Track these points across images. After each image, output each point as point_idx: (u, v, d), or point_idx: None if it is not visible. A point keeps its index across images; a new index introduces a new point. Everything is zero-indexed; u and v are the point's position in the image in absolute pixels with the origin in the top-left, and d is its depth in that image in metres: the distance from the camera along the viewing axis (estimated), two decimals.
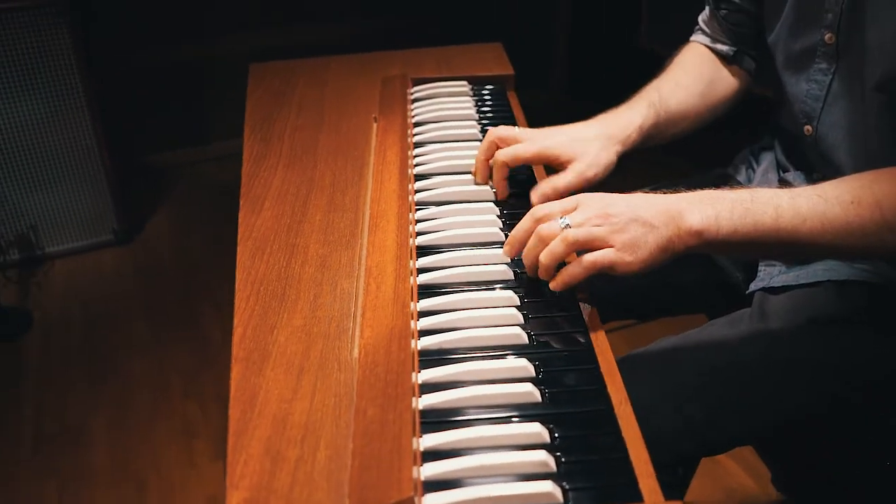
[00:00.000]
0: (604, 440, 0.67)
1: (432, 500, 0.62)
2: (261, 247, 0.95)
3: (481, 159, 1.03)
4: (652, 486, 0.63)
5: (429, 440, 0.67)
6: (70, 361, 2.23)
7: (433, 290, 0.86)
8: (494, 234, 0.94)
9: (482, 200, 1.02)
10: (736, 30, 1.17)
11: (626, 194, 0.85)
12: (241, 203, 1.04)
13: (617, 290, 1.15)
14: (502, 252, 0.89)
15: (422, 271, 0.89)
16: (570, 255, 0.83)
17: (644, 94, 1.12)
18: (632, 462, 0.65)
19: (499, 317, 0.81)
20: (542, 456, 0.64)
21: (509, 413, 0.70)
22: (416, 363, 0.75)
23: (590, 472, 0.64)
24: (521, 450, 0.65)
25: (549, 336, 0.80)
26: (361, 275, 0.89)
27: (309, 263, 0.92)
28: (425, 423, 0.69)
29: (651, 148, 1.13)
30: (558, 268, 0.84)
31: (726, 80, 1.19)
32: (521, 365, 0.74)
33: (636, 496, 0.62)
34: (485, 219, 0.96)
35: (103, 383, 2.15)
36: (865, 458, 1.08)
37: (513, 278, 0.87)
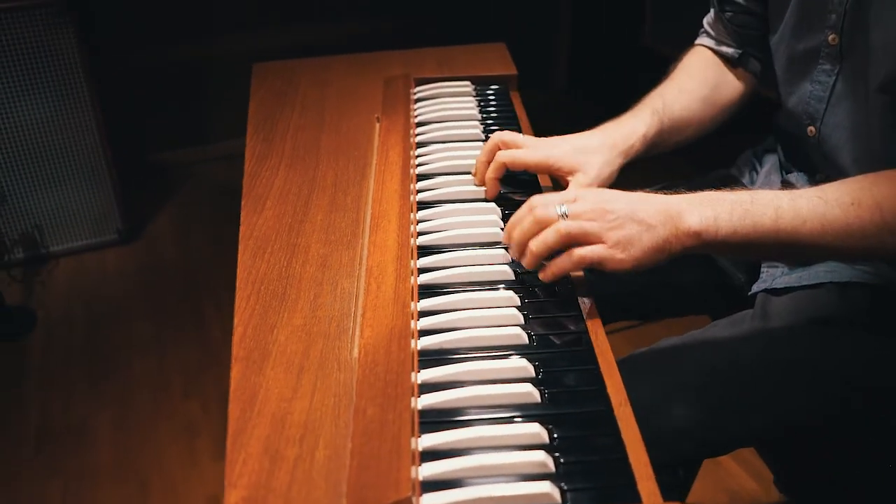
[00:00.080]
0: (603, 441, 0.67)
1: (430, 500, 0.61)
2: (262, 246, 0.95)
3: (482, 160, 1.03)
4: (651, 488, 0.63)
5: (428, 440, 0.67)
6: (73, 360, 2.24)
7: (434, 289, 0.86)
8: (495, 235, 0.94)
9: (483, 201, 1.02)
10: (741, 31, 1.16)
11: (626, 192, 0.84)
12: (242, 202, 1.05)
13: (619, 290, 1.15)
14: (502, 240, 0.88)
15: (423, 271, 0.89)
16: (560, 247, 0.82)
17: (648, 102, 1.11)
18: (631, 463, 0.65)
19: (499, 317, 0.81)
20: (541, 456, 0.64)
21: (509, 413, 0.70)
22: (416, 363, 0.75)
23: (588, 472, 0.64)
24: (520, 450, 0.65)
25: (549, 336, 0.79)
26: (362, 274, 0.89)
27: (310, 263, 0.92)
28: (424, 423, 0.69)
29: None
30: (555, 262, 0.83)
31: (732, 83, 1.18)
32: (520, 365, 0.74)
33: (635, 497, 0.62)
34: (486, 219, 0.96)
35: (106, 382, 2.15)
36: (867, 460, 1.07)
37: (513, 278, 0.87)
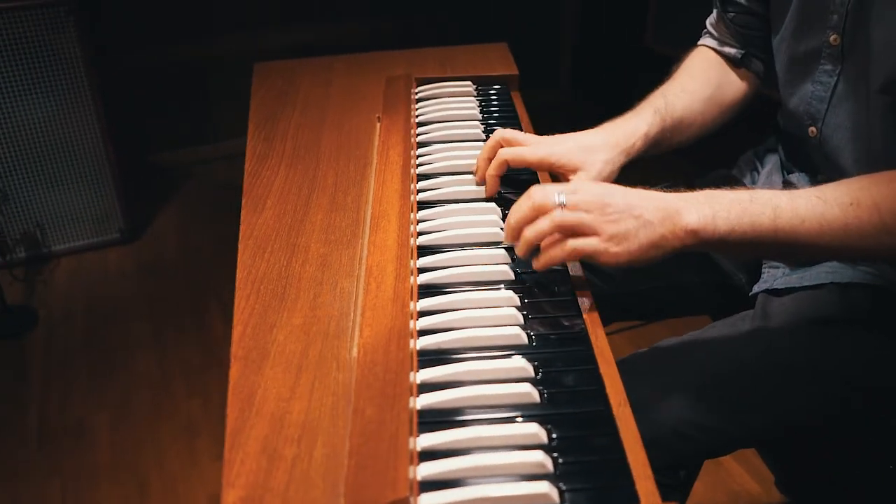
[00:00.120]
0: (601, 441, 0.67)
1: (428, 500, 0.61)
2: (262, 246, 0.95)
3: (483, 158, 1.03)
4: (649, 488, 0.63)
5: (426, 440, 0.67)
6: (74, 359, 2.24)
7: (433, 289, 0.86)
8: (495, 235, 0.93)
9: (484, 200, 1.02)
10: (744, 32, 1.16)
11: (626, 187, 0.84)
12: (243, 202, 1.04)
13: (619, 290, 1.15)
14: (504, 226, 0.88)
15: (422, 271, 0.89)
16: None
17: (650, 101, 1.11)
18: (629, 463, 0.65)
19: (498, 317, 0.81)
20: (539, 457, 0.64)
21: (507, 413, 0.70)
22: (415, 363, 0.75)
23: (587, 473, 0.64)
24: (519, 450, 0.65)
25: (549, 336, 0.79)
26: (362, 274, 0.89)
27: (309, 263, 0.92)
28: (423, 423, 0.69)
29: None
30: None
31: (734, 83, 1.18)
32: (519, 365, 0.74)
33: (633, 497, 0.62)
34: (486, 219, 0.96)
35: (106, 381, 2.15)
36: (867, 461, 1.07)
37: (513, 278, 0.87)
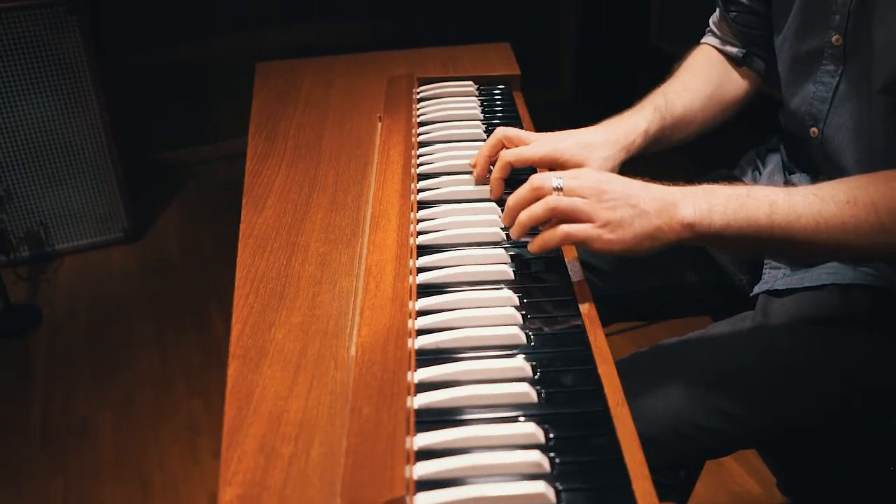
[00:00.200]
0: (599, 441, 0.67)
1: (425, 500, 0.61)
2: (262, 245, 0.95)
3: (484, 154, 1.02)
4: (646, 488, 0.63)
5: (423, 439, 0.67)
6: (77, 358, 2.25)
7: (433, 289, 0.86)
8: (495, 234, 0.93)
9: (484, 200, 1.02)
10: (746, 31, 1.16)
11: (628, 178, 0.85)
12: (243, 201, 1.05)
13: (619, 290, 1.15)
14: (502, 220, 0.90)
15: (422, 270, 0.89)
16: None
17: (651, 99, 1.11)
18: (626, 464, 0.64)
19: (497, 316, 0.81)
20: (536, 456, 0.63)
21: (505, 413, 0.70)
22: (413, 362, 0.75)
23: (584, 473, 0.64)
24: (516, 450, 0.65)
25: (548, 336, 0.79)
26: (361, 273, 0.89)
27: (309, 262, 0.92)
28: (420, 423, 0.69)
29: None
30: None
31: (735, 82, 1.18)
32: (517, 365, 0.74)
33: (630, 498, 0.62)
34: (486, 219, 0.96)
35: (109, 380, 2.16)
36: (868, 461, 1.07)
37: (512, 278, 0.87)
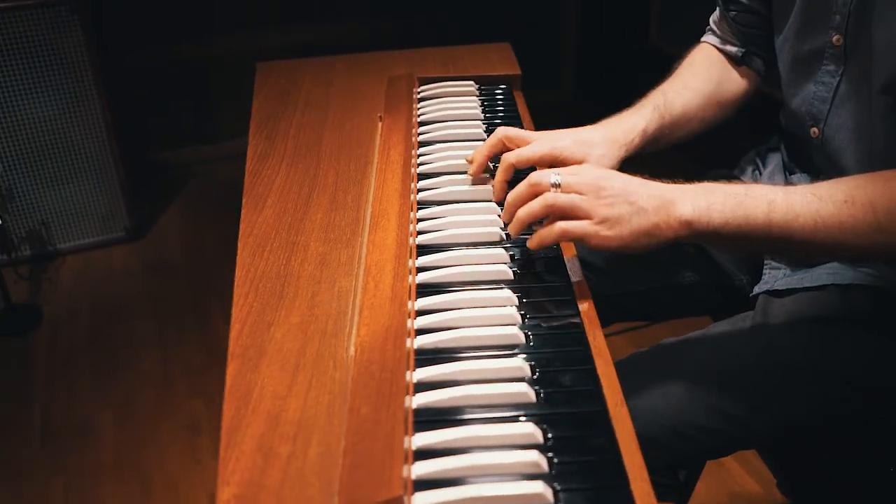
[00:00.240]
0: (597, 441, 0.67)
1: (422, 499, 0.61)
2: (261, 244, 0.95)
3: (484, 154, 1.02)
4: (644, 489, 0.62)
5: (421, 439, 0.67)
6: (79, 357, 2.25)
7: (432, 288, 0.86)
8: (495, 234, 0.93)
9: (484, 200, 1.02)
10: (745, 31, 1.16)
11: (627, 175, 0.85)
12: (243, 201, 1.05)
13: (619, 291, 1.15)
14: (502, 217, 0.90)
15: (421, 270, 0.89)
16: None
17: (650, 98, 1.12)
18: (625, 464, 0.64)
19: (496, 316, 0.81)
20: (534, 456, 0.63)
21: (503, 413, 0.70)
22: (412, 362, 0.75)
23: (582, 473, 0.64)
24: (514, 450, 0.65)
25: (547, 336, 0.79)
26: (360, 273, 0.89)
27: (308, 261, 0.92)
28: (418, 422, 0.69)
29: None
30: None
31: (735, 80, 1.18)
32: (516, 365, 0.74)
33: (628, 498, 0.62)
34: (485, 218, 0.96)
35: (110, 380, 2.16)
36: (869, 462, 1.06)
37: (512, 278, 0.87)
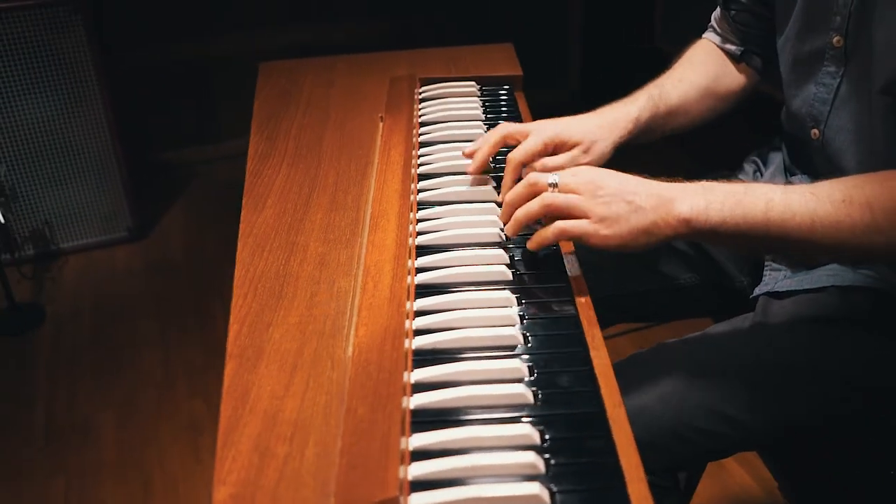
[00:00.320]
0: (595, 443, 0.67)
1: (419, 500, 0.61)
2: (261, 244, 0.95)
3: (486, 152, 1.03)
4: (641, 491, 0.62)
5: (418, 440, 0.67)
6: (80, 357, 2.25)
7: (431, 289, 0.86)
8: (494, 235, 0.93)
9: (483, 201, 1.01)
10: (745, 30, 1.17)
11: (625, 174, 0.85)
12: (243, 201, 1.05)
13: (618, 292, 1.15)
14: (501, 217, 0.91)
15: (421, 270, 0.89)
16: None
17: (646, 89, 1.14)
18: (622, 466, 0.64)
19: (495, 317, 0.81)
20: (531, 457, 0.63)
21: (500, 414, 0.70)
22: (410, 363, 0.75)
23: (579, 474, 0.64)
24: (511, 451, 0.65)
25: (545, 337, 0.79)
26: (360, 273, 0.89)
27: (308, 262, 0.92)
28: (416, 423, 0.69)
29: (662, 146, 1.14)
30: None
31: (732, 75, 1.20)
32: (513, 366, 0.73)
33: (625, 500, 0.61)
34: (485, 219, 0.96)
35: (112, 379, 2.16)
36: (871, 464, 1.06)
37: (511, 279, 0.87)
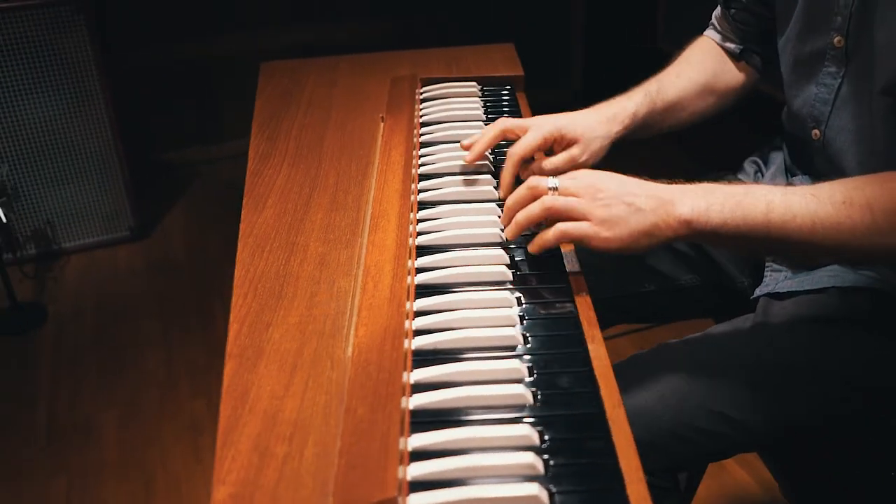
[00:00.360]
0: (594, 444, 0.67)
1: (417, 501, 0.61)
2: (261, 244, 0.95)
3: (483, 144, 1.04)
4: (641, 492, 0.62)
5: (417, 440, 0.67)
6: (82, 357, 2.25)
7: (431, 289, 0.86)
8: (495, 235, 0.93)
9: (484, 201, 1.02)
10: (744, 29, 1.18)
11: (623, 176, 0.86)
12: (244, 201, 1.05)
13: (618, 293, 1.15)
14: (501, 220, 0.92)
15: (421, 271, 0.89)
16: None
17: (644, 85, 1.15)
18: (621, 466, 0.64)
19: (494, 318, 0.81)
20: (530, 458, 0.63)
21: (500, 414, 0.70)
22: (409, 363, 0.75)
23: (578, 475, 0.64)
24: (510, 451, 0.65)
25: (545, 338, 0.79)
26: (360, 274, 0.89)
27: (308, 262, 0.92)
28: (415, 423, 0.69)
29: (660, 143, 1.14)
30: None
31: (731, 73, 1.21)
32: (513, 366, 0.73)
33: (624, 501, 0.61)
34: (485, 219, 0.96)
35: (114, 379, 2.16)
36: (872, 465, 1.06)
37: (511, 279, 0.87)
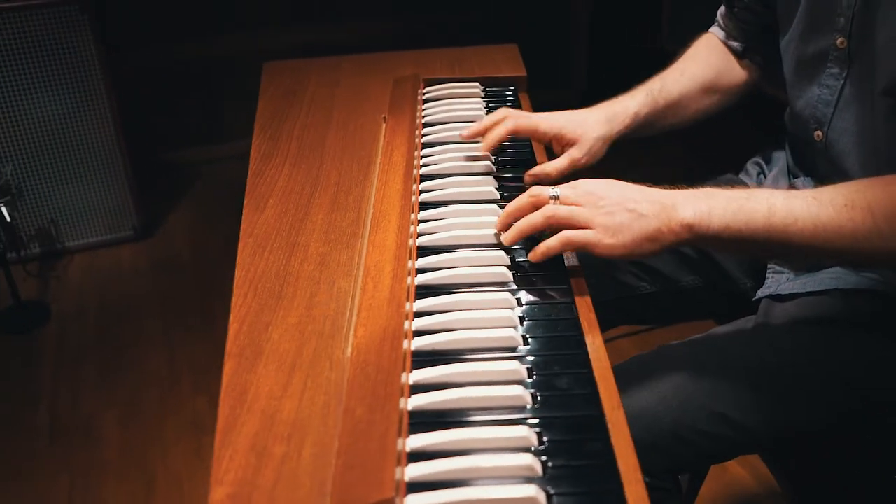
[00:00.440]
0: (592, 445, 0.67)
1: (415, 501, 0.61)
2: (261, 244, 0.95)
3: (491, 144, 1.06)
4: (639, 493, 0.62)
5: (415, 441, 0.66)
6: (85, 355, 2.26)
7: (431, 290, 0.86)
8: (495, 236, 0.93)
9: (485, 201, 1.01)
10: (747, 28, 1.19)
11: (623, 182, 0.86)
12: (245, 200, 1.05)
13: (620, 294, 1.15)
14: (496, 226, 0.92)
15: (422, 271, 0.88)
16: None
17: (647, 84, 1.16)
18: (619, 468, 0.64)
19: (494, 319, 0.80)
20: (528, 460, 0.63)
21: (498, 416, 0.69)
22: (409, 364, 0.75)
23: (576, 477, 0.64)
24: (508, 453, 0.65)
25: (544, 339, 0.79)
26: (360, 274, 0.89)
27: (308, 262, 0.92)
28: (414, 424, 0.69)
29: (663, 142, 1.15)
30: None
31: (735, 70, 1.21)
32: (512, 368, 0.73)
33: (621, 502, 0.61)
34: (486, 220, 0.96)
35: (116, 378, 2.17)
36: (873, 466, 1.06)
37: (511, 280, 0.87)
